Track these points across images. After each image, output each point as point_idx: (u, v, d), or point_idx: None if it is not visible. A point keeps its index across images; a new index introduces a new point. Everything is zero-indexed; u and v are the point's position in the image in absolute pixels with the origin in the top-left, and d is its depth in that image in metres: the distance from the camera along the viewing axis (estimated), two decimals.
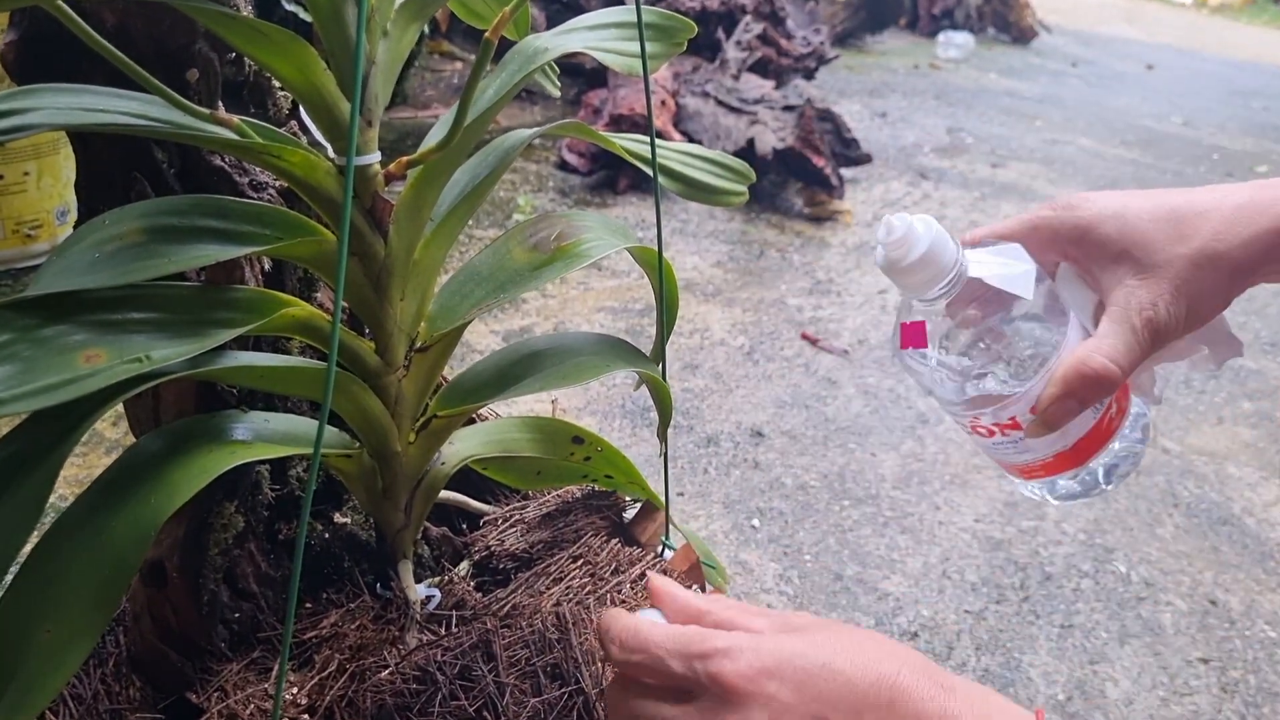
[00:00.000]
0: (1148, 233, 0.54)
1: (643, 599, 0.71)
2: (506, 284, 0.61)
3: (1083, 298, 0.57)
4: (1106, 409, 0.56)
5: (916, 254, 0.53)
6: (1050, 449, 0.57)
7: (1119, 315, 0.53)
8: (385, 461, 0.63)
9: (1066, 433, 0.56)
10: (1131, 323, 0.53)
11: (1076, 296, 0.57)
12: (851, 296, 2.41)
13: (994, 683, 1.30)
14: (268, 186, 0.63)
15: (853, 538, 1.56)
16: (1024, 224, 0.58)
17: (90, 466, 1.49)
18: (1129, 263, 0.54)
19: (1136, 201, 0.55)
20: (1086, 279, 0.57)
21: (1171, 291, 0.53)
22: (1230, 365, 2.26)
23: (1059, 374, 0.53)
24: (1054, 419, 0.54)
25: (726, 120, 2.96)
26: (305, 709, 0.61)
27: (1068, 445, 0.57)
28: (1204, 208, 0.54)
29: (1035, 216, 0.58)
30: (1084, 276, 0.57)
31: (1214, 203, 0.54)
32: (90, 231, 0.49)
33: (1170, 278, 0.53)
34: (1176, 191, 0.55)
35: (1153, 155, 3.98)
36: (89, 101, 0.49)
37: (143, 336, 0.46)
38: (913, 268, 0.53)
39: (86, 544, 0.45)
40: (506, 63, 0.61)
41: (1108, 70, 5.79)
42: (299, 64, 0.51)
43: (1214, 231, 0.53)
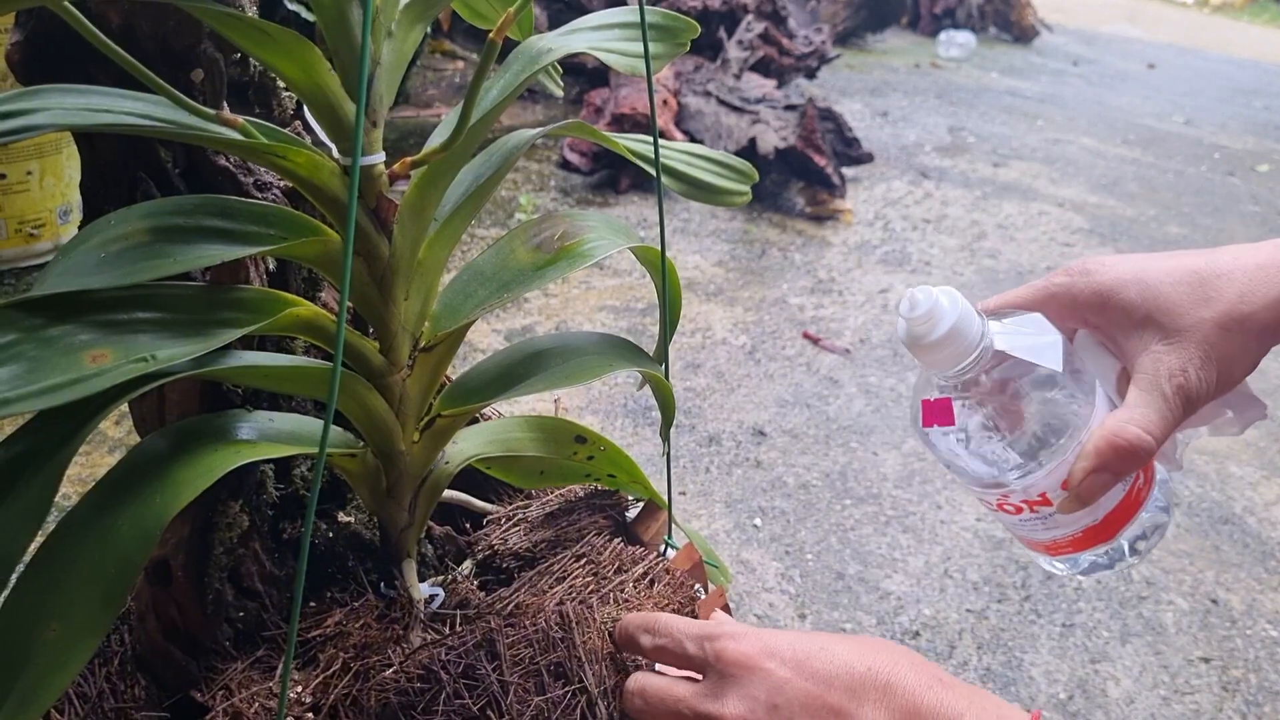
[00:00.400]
0: (1171, 296, 0.52)
1: (645, 598, 0.71)
2: (510, 283, 0.61)
3: (1105, 365, 0.55)
4: (1135, 480, 0.55)
5: (942, 331, 0.51)
6: (1079, 524, 0.55)
7: (1148, 383, 0.52)
8: (389, 461, 0.63)
9: (1097, 507, 0.54)
10: (1162, 390, 0.51)
11: (1099, 364, 0.55)
12: (853, 296, 2.41)
13: (995, 682, 1.30)
14: (272, 186, 0.63)
15: (854, 537, 1.56)
16: (1041, 292, 0.57)
17: (94, 466, 1.50)
18: (1154, 328, 0.53)
19: (1156, 264, 0.54)
20: (1108, 345, 0.56)
21: (1201, 356, 0.51)
22: None
23: (1090, 447, 0.51)
24: (1088, 493, 0.52)
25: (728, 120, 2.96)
26: (310, 707, 0.61)
27: (1097, 519, 0.55)
28: (1225, 269, 0.52)
29: (1051, 284, 0.57)
30: (1105, 344, 0.56)
31: (1234, 263, 0.53)
32: (96, 231, 0.49)
33: (1198, 342, 0.51)
34: (1194, 254, 0.54)
35: (1154, 154, 3.98)
36: (94, 102, 0.49)
37: (148, 336, 0.46)
38: (938, 344, 0.51)
39: (92, 543, 0.45)
40: (510, 63, 0.62)
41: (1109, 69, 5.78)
42: (303, 65, 0.51)
43: (1239, 293, 0.52)
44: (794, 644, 0.51)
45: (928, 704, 0.48)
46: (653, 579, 0.73)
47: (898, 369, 2.08)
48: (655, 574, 0.74)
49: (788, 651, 0.51)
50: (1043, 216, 3.08)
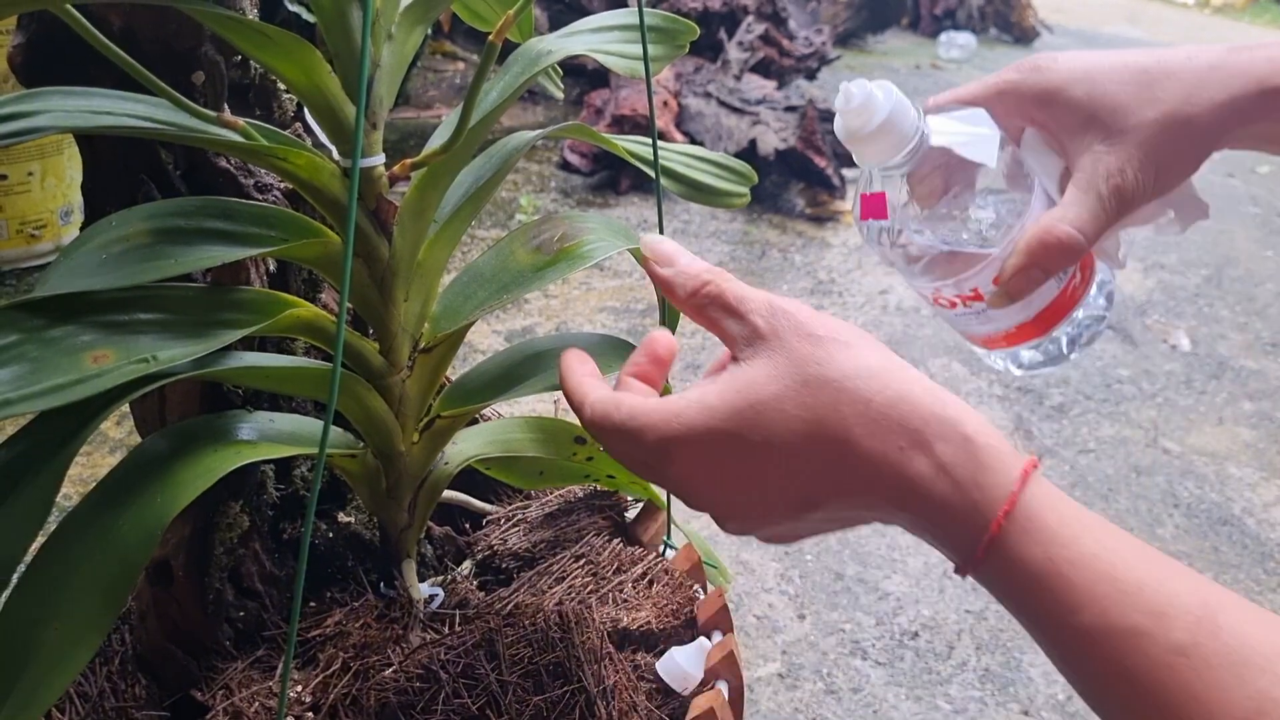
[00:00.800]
0: (1116, 96, 0.52)
1: (644, 598, 0.72)
2: (509, 285, 0.62)
3: (1049, 164, 0.55)
4: (1070, 278, 0.55)
5: (876, 122, 0.51)
6: (1013, 319, 0.56)
7: (1085, 182, 0.51)
8: (389, 461, 0.64)
9: (1029, 303, 0.54)
10: (1098, 190, 0.51)
11: (1043, 163, 0.55)
12: (853, 297, 2.41)
13: (994, 682, 1.31)
14: (273, 188, 0.63)
15: (853, 537, 1.56)
16: (989, 88, 0.56)
17: (95, 466, 1.50)
18: (1097, 127, 0.52)
19: (1106, 62, 0.53)
20: (1053, 144, 0.55)
21: (1140, 157, 0.51)
22: (1231, 366, 2.26)
23: (1022, 244, 0.51)
24: (1017, 289, 0.52)
25: (728, 121, 2.96)
26: (309, 707, 0.61)
27: (1030, 315, 0.55)
28: (1174, 69, 0.51)
29: (1000, 80, 0.56)
30: (1050, 142, 0.55)
31: (1185, 64, 0.51)
32: (97, 233, 0.49)
33: (1139, 143, 0.51)
34: (1147, 52, 0.53)
35: None
36: (96, 104, 0.49)
37: (149, 337, 0.47)
38: (872, 136, 0.52)
39: (93, 543, 0.45)
40: (510, 65, 0.62)
41: None
42: (304, 67, 0.51)
43: (1185, 94, 0.51)
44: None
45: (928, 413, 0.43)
46: (652, 579, 0.74)
47: None
48: (654, 574, 0.74)
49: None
50: None
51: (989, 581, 0.42)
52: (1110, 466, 1.82)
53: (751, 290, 0.47)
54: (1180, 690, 0.37)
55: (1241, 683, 0.37)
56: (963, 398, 0.46)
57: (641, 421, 0.44)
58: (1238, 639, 0.37)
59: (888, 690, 1.28)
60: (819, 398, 0.42)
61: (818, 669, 1.30)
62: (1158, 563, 0.40)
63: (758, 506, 0.44)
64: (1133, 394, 2.09)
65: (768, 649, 1.33)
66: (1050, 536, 0.40)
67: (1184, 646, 0.37)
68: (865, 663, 1.32)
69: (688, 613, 0.71)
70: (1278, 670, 0.37)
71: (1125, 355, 2.26)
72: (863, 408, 0.42)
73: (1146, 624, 0.38)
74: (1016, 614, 0.42)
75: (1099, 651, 0.39)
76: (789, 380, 0.43)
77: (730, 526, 0.46)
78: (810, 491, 0.43)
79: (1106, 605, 0.39)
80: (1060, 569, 0.39)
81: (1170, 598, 0.38)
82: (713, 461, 0.44)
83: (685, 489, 0.45)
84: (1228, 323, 2.50)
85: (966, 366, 2.11)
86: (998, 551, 0.41)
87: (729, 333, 0.47)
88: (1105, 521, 0.41)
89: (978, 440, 0.41)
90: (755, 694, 1.25)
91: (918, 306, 2.37)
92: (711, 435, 0.43)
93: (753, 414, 0.43)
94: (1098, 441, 1.90)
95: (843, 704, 1.25)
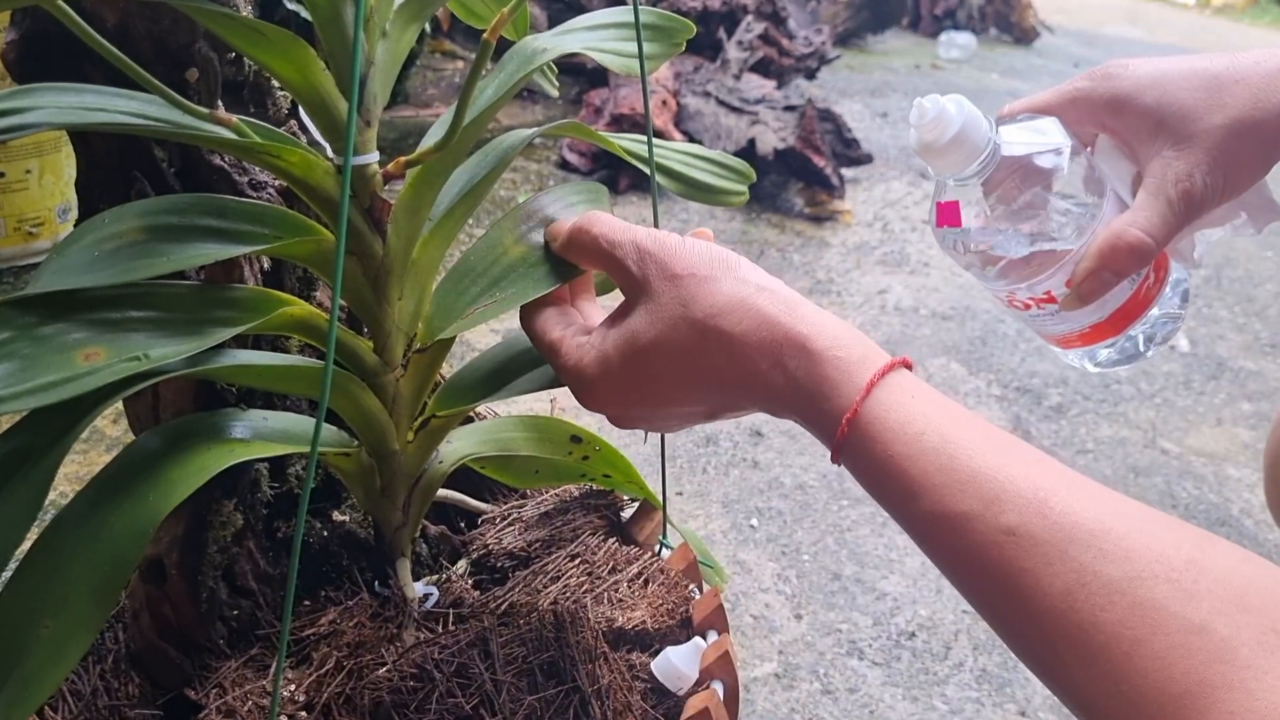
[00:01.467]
0: (1185, 102, 0.53)
1: (639, 597, 0.72)
2: (500, 279, 0.61)
3: (1121, 170, 0.57)
4: (1144, 279, 0.56)
5: (949, 135, 0.53)
6: (1086, 320, 0.57)
7: (1155, 187, 0.53)
8: (383, 460, 0.64)
9: (1103, 303, 0.56)
10: (1167, 194, 0.52)
11: (1115, 169, 0.57)
12: (851, 296, 2.41)
13: (991, 683, 1.30)
14: (267, 186, 0.63)
15: (851, 537, 1.56)
16: (1061, 96, 0.58)
17: (91, 464, 1.50)
18: (1166, 133, 0.53)
19: (1176, 68, 0.55)
20: (1125, 150, 0.56)
21: (1209, 162, 0.52)
22: (1229, 366, 2.26)
23: (1094, 248, 0.53)
24: (1089, 292, 0.54)
25: (727, 120, 2.96)
26: (303, 706, 0.61)
27: (1104, 316, 0.57)
28: (1243, 74, 0.53)
29: (1072, 88, 0.58)
30: (1122, 148, 0.56)
31: (1254, 68, 0.53)
32: (90, 230, 0.49)
33: (1208, 148, 0.52)
34: (1217, 57, 0.55)
35: None
36: (89, 101, 0.49)
37: (141, 335, 0.46)
38: (945, 149, 0.54)
39: (86, 541, 0.45)
40: (505, 63, 0.62)
41: None
42: (298, 64, 0.51)
43: (1253, 99, 0.52)
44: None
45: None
46: (647, 579, 0.74)
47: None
48: (650, 574, 0.74)
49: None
50: None
51: (852, 474, 0.48)
52: (1108, 467, 1.82)
53: (622, 233, 0.54)
54: (1008, 566, 0.41)
55: (1065, 557, 0.40)
56: (960, 398, 0.47)
57: (566, 363, 0.54)
58: (1066, 518, 0.40)
59: (884, 690, 1.28)
60: (689, 337, 0.49)
61: (814, 669, 1.30)
62: (1000, 452, 0.43)
63: (656, 418, 0.54)
64: (1131, 394, 2.09)
65: (764, 649, 1.33)
66: (893, 436, 0.45)
67: (1013, 527, 0.41)
68: (862, 663, 1.32)
69: (683, 612, 0.71)
70: (1101, 545, 0.39)
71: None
72: (725, 341, 0.49)
73: (977, 508, 0.42)
74: (878, 503, 0.47)
75: (936, 535, 0.44)
76: (663, 325, 0.50)
77: (637, 426, 0.55)
78: (699, 405, 0.52)
79: (942, 493, 0.43)
80: (900, 464, 0.44)
81: (1004, 483, 0.42)
82: (618, 396, 0.53)
83: (602, 409, 0.55)
84: (1227, 323, 2.50)
85: (965, 366, 2.11)
86: (847, 452, 0.47)
87: (613, 278, 0.54)
88: (959, 417, 0.45)
89: (825, 355, 0.47)
90: (751, 694, 1.25)
91: (916, 306, 2.37)
92: (614, 380, 0.52)
93: (642, 360, 0.51)
94: (1096, 442, 1.90)
95: (839, 704, 1.25)
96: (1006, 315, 2.36)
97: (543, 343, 0.57)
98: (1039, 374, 2.12)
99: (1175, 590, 0.38)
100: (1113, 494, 0.42)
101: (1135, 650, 0.38)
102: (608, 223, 0.55)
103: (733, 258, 0.51)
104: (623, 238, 0.53)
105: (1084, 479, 0.43)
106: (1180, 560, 0.39)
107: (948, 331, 2.27)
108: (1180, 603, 0.38)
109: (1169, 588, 0.38)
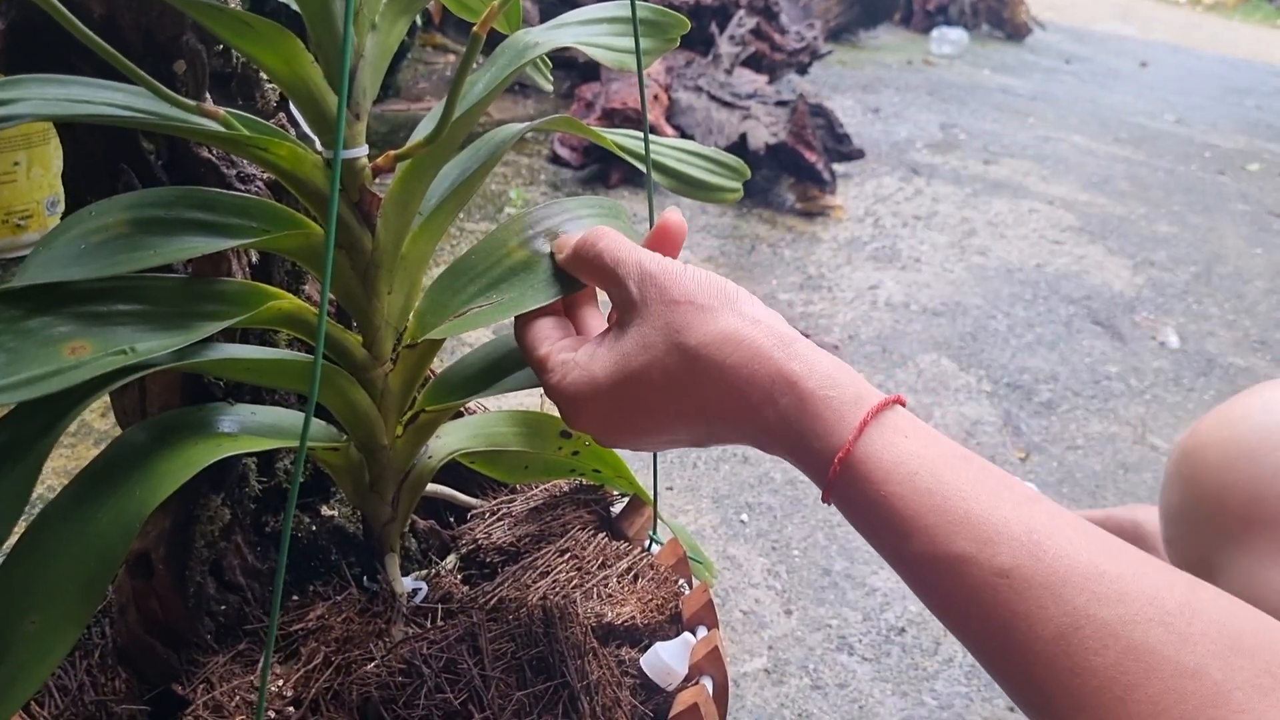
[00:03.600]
0: None
1: (628, 593, 0.71)
2: (499, 282, 0.60)
3: None
4: None
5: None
6: None
7: None
8: (372, 455, 0.63)
9: None
10: None
11: None
12: (842, 292, 2.41)
13: (980, 678, 1.31)
14: (255, 179, 0.63)
15: (841, 533, 1.56)
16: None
17: (79, 458, 1.49)
18: None
19: None
20: None
21: None
22: (1219, 363, 2.27)
23: None
24: None
25: (719, 115, 2.96)
26: (290, 701, 0.61)
27: None
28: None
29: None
30: None
31: None
32: (76, 223, 0.49)
33: None
34: None
35: (1145, 153, 3.99)
36: (76, 92, 0.49)
37: (128, 329, 0.46)
38: None
39: (72, 535, 0.45)
40: (496, 57, 0.61)
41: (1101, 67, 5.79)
42: (286, 57, 0.51)
43: None
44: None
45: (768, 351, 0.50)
46: (637, 574, 0.73)
47: (885, 365, 2.08)
48: (639, 569, 0.74)
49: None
50: (1033, 214, 3.08)
51: (844, 514, 0.48)
52: (1098, 463, 1.83)
53: (627, 252, 0.53)
54: (1002, 609, 0.41)
55: (1059, 600, 0.40)
56: (951, 394, 0.47)
57: (552, 380, 0.54)
58: (1060, 561, 0.40)
59: (874, 686, 1.28)
60: (680, 365, 0.49)
61: (804, 664, 1.30)
62: (994, 492, 0.43)
63: (642, 442, 0.54)
64: (1121, 390, 2.10)
65: (754, 644, 1.33)
66: (885, 476, 0.45)
67: (1006, 569, 0.41)
68: (852, 658, 1.32)
69: (673, 608, 0.71)
70: (1095, 589, 0.39)
71: (1114, 352, 2.26)
72: (717, 373, 0.49)
73: (971, 550, 0.42)
74: (870, 543, 0.47)
75: (929, 576, 0.44)
76: (656, 351, 0.50)
77: (621, 447, 0.55)
78: (686, 433, 0.52)
79: (934, 534, 0.43)
80: (893, 504, 0.44)
81: (998, 525, 0.42)
82: (603, 417, 0.53)
83: (586, 430, 0.55)
84: (1216, 320, 2.50)
85: (955, 362, 2.11)
86: (839, 492, 0.47)
87: (610, 296, 0.55)
88: (953, 455, 0.45)
89: (817, 395, 0.47)
90: (741, 689, 1.25)
91: (907, 302, 2.37)
92: (600, 401, 0.52)
93: (631, 384, 0.51)
94: (1086, 438, 1.91)
95: (829, 699, 1.25)
96: (997, 312, 2.37)
97: (531, 357, 0.56)
98: (1029, 370, 2.12)
99: (1169, 634, 0.38)
100: (1106, 535, 0.42)
101: (1129, 695, 0.38)
102: (614, 240, 0.55)
103: (733, 289, 0.51)
104: (627, 257, 0.53)
105: (1077, 519, 0.43)
106: (1174, 603, 0.39)
107: (939, 327, 2.27)
108: (1174, 647, 0.38)
109: (1163, 631, 0.38)
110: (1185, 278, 2.73)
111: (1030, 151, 3.79)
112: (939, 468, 0.44)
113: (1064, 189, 3.37)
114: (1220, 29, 8.24)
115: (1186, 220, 3.22)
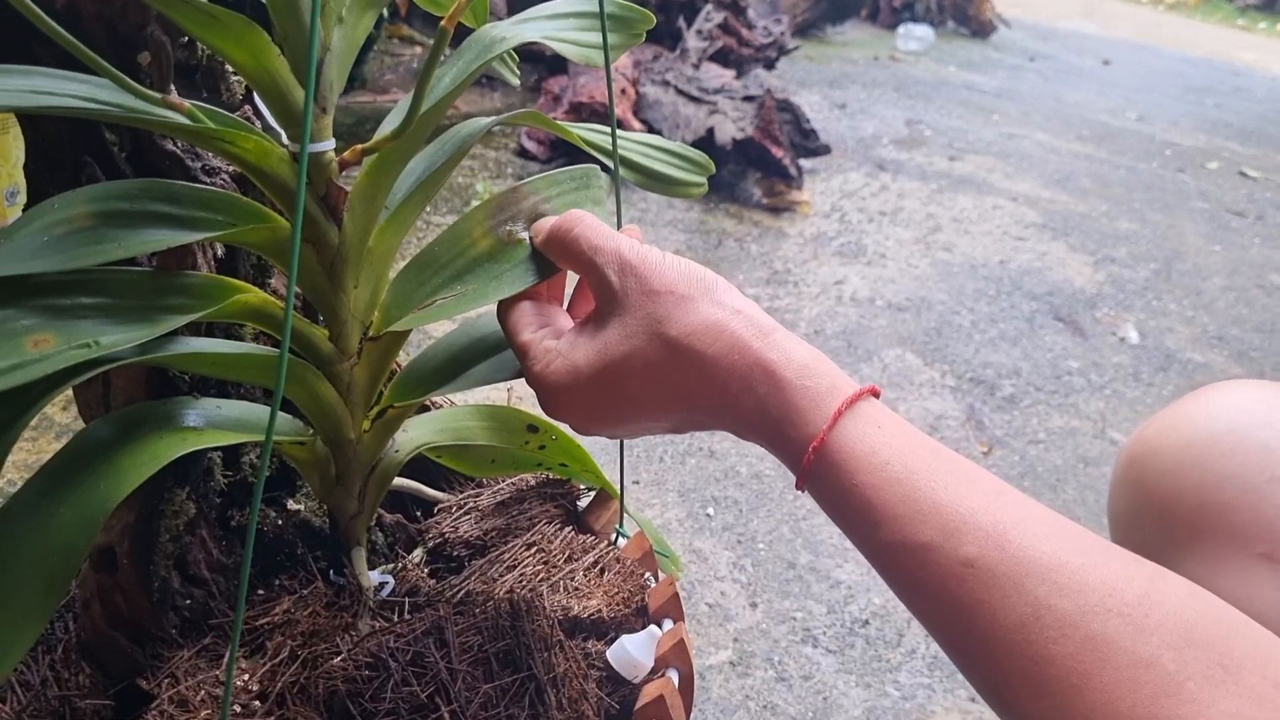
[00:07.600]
0: None
1: (595, 586, 0.72)
2: (464, 273, 0.61)
3: None
4: None
5: None
6: None
7: None
8: (339, 449, 0.63)
9: None
10: None
11: None
12: (808, 287, 2.42)
13: (943, 669, 1.32)
14: (221, 172, 0.62)
15: (806, 526, 1.57)
16: None
17: (40, 452, 1.47)
18: None
19: None
20: None
21: None
22: (1178, 359, 2.30)
23: None
24: None
25: (686, 109, 2.96)
26: (256, 695, 0.61)
27: None
28: None
29: None
30: None
31: None
32: (38, 215, 0.48)
33: None
34: None
35: (1107, 150, 4.03)
36: (38, 84, 0.48)
37: (91, 322, 0.46)
38: None
39: (34, 529, 0.45)
40: (463, 51, 0.61)
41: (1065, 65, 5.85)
42: (252, 50, 0.51)
43: None
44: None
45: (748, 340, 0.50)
46: (603, 567, 0.74)
47: (851, 360, 2.10)
48: (606, 563, 0.74)
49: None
50: (997, 210, 3.11)
51: (817, 501, 0.48)
52: (1059, 457, 1.85)
53: (604, 240, 0.54)
54: (965, 598, 0.42)
55: (1021, 590, 0.41)
56: (915, 389, 0.48)
57: (534, 368, 0.55)
58: (1024, 552, 0.41)
59: (838, 677, 1.29)
60: (662, 355, 0.50)
61: (769, 657, 1.31)
62: (963, 483, 0.44)
63: (620, 430, 0.55)
64: (1082, 385, 2.12)
65: (719, 637, 1.34)
66: (857, 465, 0.46)
67: (971, 559, 0.42)
68: (816, 650, 1.33)
69: (639, 601, 0.72)
70: (1056, 580, 0.40)
71: (1075, 347, 2.29)
72: (698, 363, 0.50)
73: (938, 539, 0.43)
74: (841, 530, 0.48)
75: (897, 564, 0.45)
76: (638, 341, 0.51)
77: (599, 434, 0.56)
78: (664, 421, 0.53)
79: (904, 524, 0.44)
80: (864, 493, 0.45)
81: (965, 516, 0.43)
82: (584, 406, 0.54)
83: (566, 419, 0.56)
84: (1175, 316, 2.54)
85: (920, 357, 2.13)
86: (813, 480, 0.48)
87: (589, 283, 0.55)
88: (925, 447, 0.46)
89: (794, 384, 0.48)
90: (706, 681, 1.26)
91: (872, 297, 2.39)
92: (581, 390, 0.53)
93: (612, 373, 0.52)
94: (1047, 432, 1.93)
95: (793, 691, 1.26)
96: (961, 307, 2.38)
97: (514, 342, 0.57)
98: (992, 365, 2.14)
99: (1126, 624, 0.39)
100: (1072, 527, 0.43)
101: (1084, 684, 0.39)
102: (592, 226, 0.55)
103: (711, 278, 0.52)
104: (606, 245, 0.54)
105: (1045, 511, 0.44)
106: (1133, 595, 0.40)
107: (903, 323, 2.29)
108: (1130, 637, 0.39)
109: (1120, 622, 0.39)
110: (1145, 274, 2.77)
111: (994, 148, 3.82)
112: (910, 458, 0.45)
113: (1027, 185, 3.40)
114: (1182, 28, 8.34)
115: (1147, 217, 3.26)
